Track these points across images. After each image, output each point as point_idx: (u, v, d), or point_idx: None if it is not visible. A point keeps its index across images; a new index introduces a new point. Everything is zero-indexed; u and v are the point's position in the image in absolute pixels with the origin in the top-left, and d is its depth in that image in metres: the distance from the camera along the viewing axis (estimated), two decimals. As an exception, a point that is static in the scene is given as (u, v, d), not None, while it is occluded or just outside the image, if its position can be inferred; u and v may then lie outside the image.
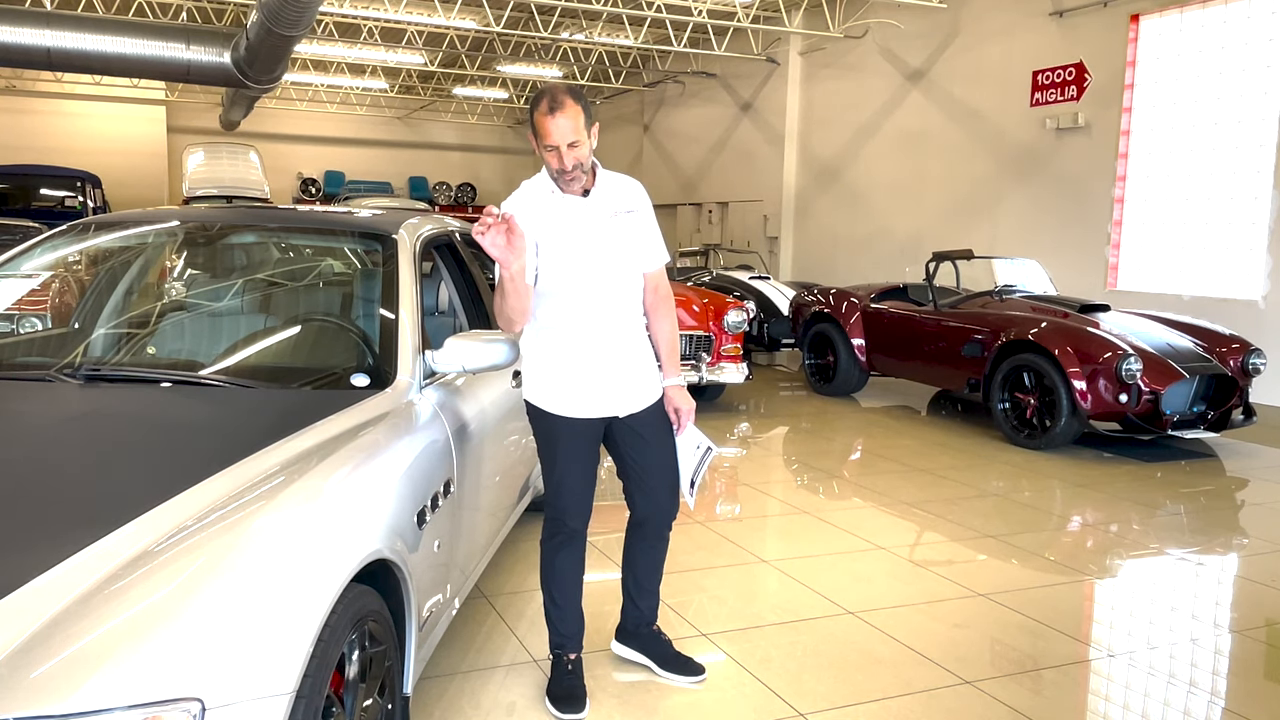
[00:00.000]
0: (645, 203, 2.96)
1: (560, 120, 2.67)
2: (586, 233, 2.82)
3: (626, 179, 2.97)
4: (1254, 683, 3.30)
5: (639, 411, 2.92)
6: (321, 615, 1.81)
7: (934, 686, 3.16)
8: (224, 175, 15.98)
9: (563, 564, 2.99)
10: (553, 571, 3.01)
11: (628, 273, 2.90)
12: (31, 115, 20.83)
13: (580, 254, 2.82)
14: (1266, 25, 9.06)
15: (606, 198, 2.87)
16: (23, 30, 11.34)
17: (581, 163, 2.74)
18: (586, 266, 2.82)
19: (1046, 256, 10.17)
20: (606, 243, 2.84)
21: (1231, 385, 6.74)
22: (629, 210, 2.89)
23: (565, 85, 2.75)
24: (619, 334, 2.88)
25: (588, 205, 2.83)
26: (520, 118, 25.79)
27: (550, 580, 3.02)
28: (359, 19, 15.16)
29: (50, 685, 1.45)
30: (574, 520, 2.94)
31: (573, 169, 2.73)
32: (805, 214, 15.31)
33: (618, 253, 2.86)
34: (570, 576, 3.01)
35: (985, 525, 5.01)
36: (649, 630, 3.22)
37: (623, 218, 2.87)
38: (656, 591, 3.21)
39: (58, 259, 3.78)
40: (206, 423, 2.40)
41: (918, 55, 12.94)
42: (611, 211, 2.86)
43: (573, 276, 2.82)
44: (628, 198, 2.91)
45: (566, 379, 2.86)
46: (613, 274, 2.86)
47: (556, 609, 3.02)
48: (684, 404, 2.98)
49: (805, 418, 7.98)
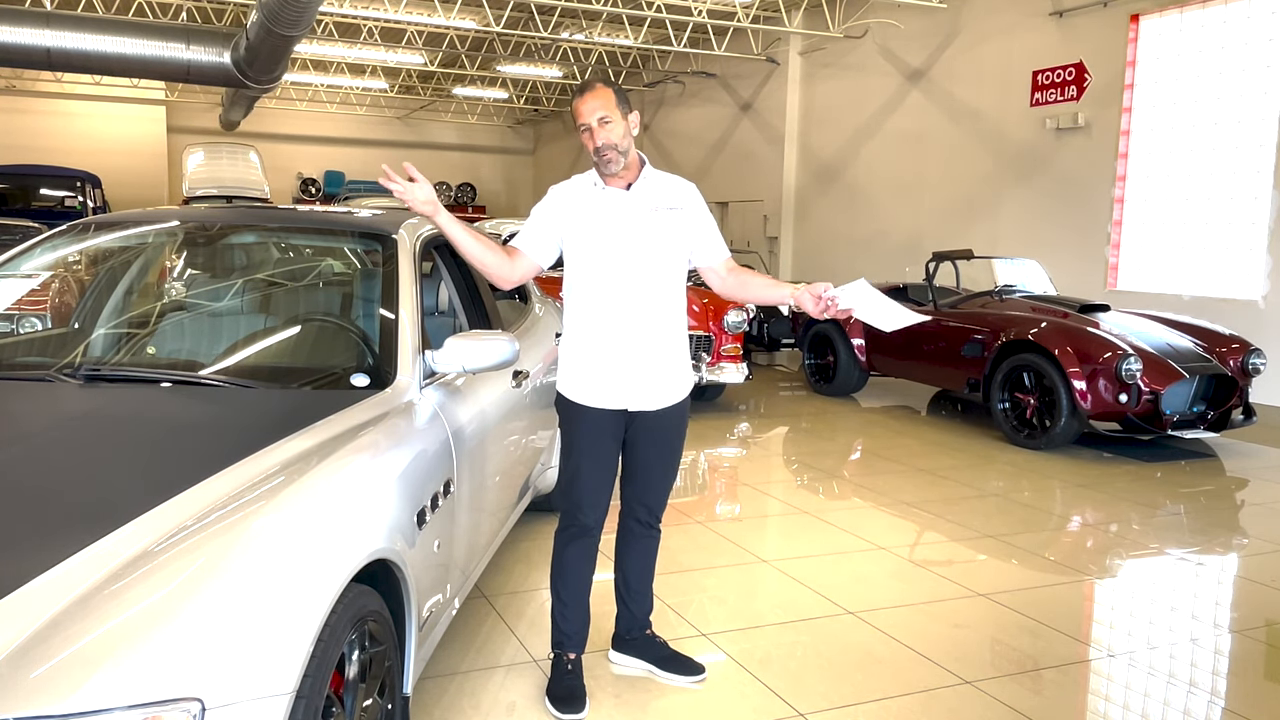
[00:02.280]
0: (695, 201, 2.97)
1: (590, 100, 2.79)
2: (622, 226, 2.84)
3: (678, 179, 2.99)
4: (1254, 683, 3.30)
5: (658, 410, 2.92)
6: (321, 615, 1.81)
7: (934, 686, 3.16)
8: (224, 175, 15.97)
9: (571, 558, 2.99)
10: (561, 565, 3.01)
11: (663, 268, 2.89)
12: (31, 115, 20.83)
13: (613, 247, 2.84)
14: (1266, 25, 9.06)
15: (649, 193, 2.89)
16: (23, 30, 11.33)
17: (615, 144, 2.78)
18: (618, 259, 2.84)
19: (1046, 256, 10.17)
20: (642, 237, 2.85)
21: (1231, 385, 6.74)
22: (672, 207, 2.90)
23: (600, 76, 2.84)
24: (647, 328, 2.87)
25: (628, 199, 2.87)
26: (520, 118, 25.79)
27: (558, 574, 3.02)
28: (359, 19, 15.15)
29: (50, 685, 1.45)
30: (586, 515, 2.94)
31: (605, 148, 2.77)
32: (805, 214, 15.31)
33: (653, 248, 2.86)
34: (577, 572, 3.00)
35: (985, 525, 5.01)
36: (643, 635, 3.20)
37: (664, 214, 2.88)
38: (648, 594, 3.19)
39: (58, 259, 3.78)
40: (206, 423, 2.40)
41: (918, 55, 12.94)
42: (652, 207, 2.87)
43: (604, 268, 2.85)
44: (674, 195, 2.93)
45: (590, 368, 2.88)
46: (645, 268, 2.85)
47: (561, 604, 3.02)
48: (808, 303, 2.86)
49: (805, 418, 7.98)
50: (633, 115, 2.85)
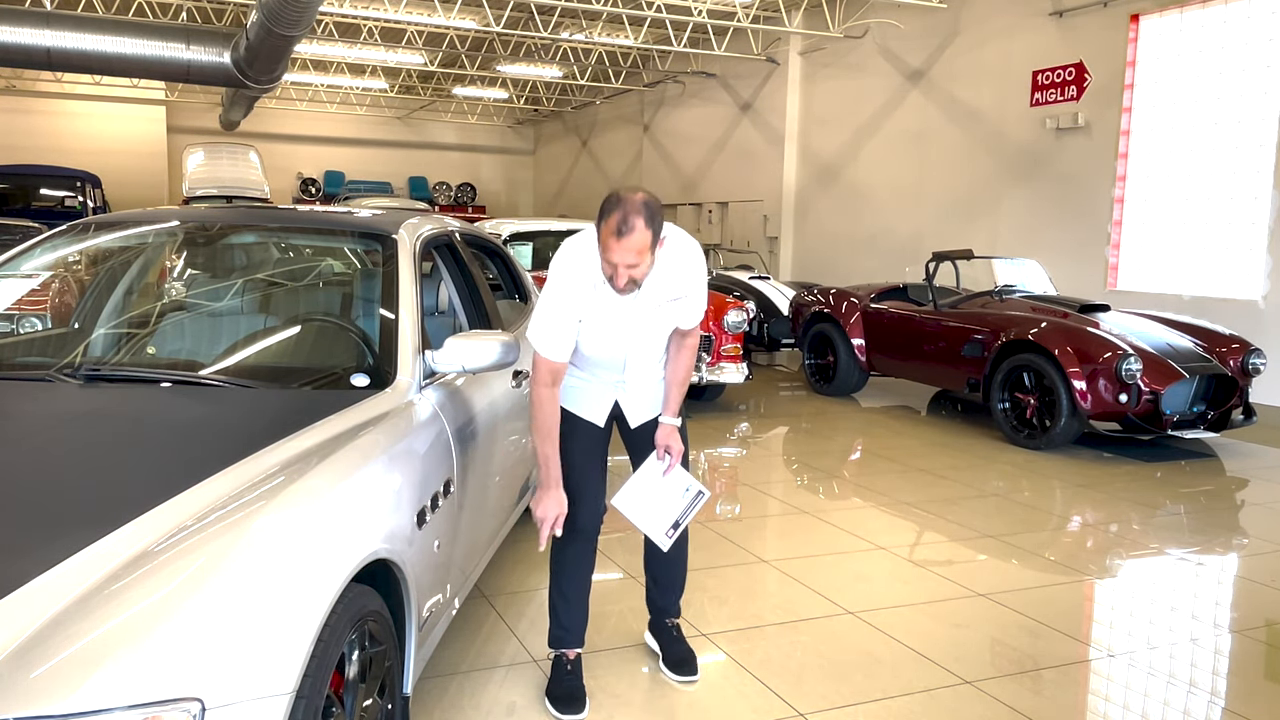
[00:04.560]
0: (695, 281, 2.88)
1: (627, 243, 2.59)
2: (628, 319, 2.86)
3: (681, 257, 2.83)
4: (1254, 683, 3.30)
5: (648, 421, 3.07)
6: (321, 615, 1.81)
7: (934, 686, 3.16)
8: (224, 175, 15.98)
9: (569, 559, 3.05)
10: (560, 565, 3.07)
11: (661, 343, 2.99)
12: (31, 115, 20.84)
13: (619, 335, 2.88)
14: (1266, 25, 9.06)
15: (656, 290, 2.81)
16: (23, 30, 11.34)
17: (637, 280, 2.70)
18: (621, 343, 2.91)
19: (1046, 256, 10.17)
20: (645, 327, 2.89)
21: (1231, 385, 6.74)
22: (675, 299, 2.86)
23: (641, 201, 2.61)
24: (641, 375, 3.01)
25: (635, 298, 2.81)
26: (520, 118, 25.80)
27: (557, 573, 3.08)
28: (359, 19, 15.15)
29: (50, 685, 1.45)
30: (580, 517, 2.97)
31: (628, 286, 2.71)
32: (805, 214, 15.31)
33: (653, 333, 2.93)
34: (574, 571, 3.05)
35: (985, 525, 5.01)
36: (664, 623, 3.29)
37: (667, 306, 2.87)
38: (672, 586, 3.26)
39: (58, 259, 3.78)
40: (206, 423, 2.40)
41: (918, 55, 12.94)
42: (657, 303, 2.85)
43: (607, 349, 2.92)
44: (677, 284, 2.84)
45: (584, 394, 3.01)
46: (644, 346, 2.94)
47: (563, 600, 3.06)
48: (675, 444, 3.01)
49: (805, 418, 7.98)
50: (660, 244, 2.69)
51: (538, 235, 8.92)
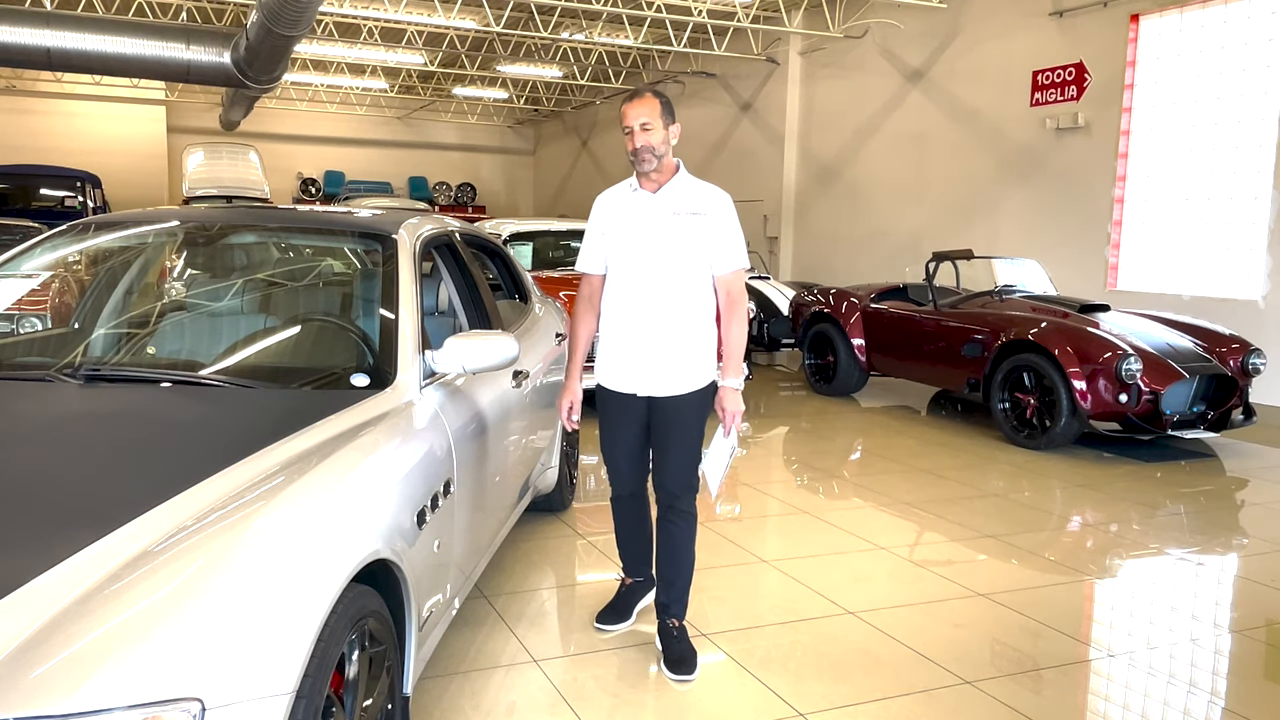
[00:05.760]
0: (721, 209, 3.12)
1: (637, 106, 3.03)
2: (644, 227, 3.09)
3: (711, 189, 3.16)
4: (1254, 683, 3.30)
5: (672, 397, 3.17)
6: (321, 615, 1.81)
7: (934, 686, 3.16)
8: (224, 175, 15.97)
9: (616, 509, 3.48)
10: (616, 516, 3.49)
11: (678, 268, 3.11)
12: (31, 115, 20.82)
13: (634, 246, 3.11)
14: (1266, 25, 9.06)
15: (674, 198, 3.10)
16: (23, 30, 11.33)
17: (653, 147, 3.02)
18: (637, 258, 3.10)
19: (1046, 256, 10.16)
20: (659, 238, 3.08)
21: (1231, 385, 6.74)
22: (695, 212, 3.08)
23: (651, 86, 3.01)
24: (660, 322, 3.12)
25: (652, 202, 3.10)
26: (520, 118, 25.78)
27: (616, 521, 3.51)
28: (359, 19, 15.15)
29: (50, 685, 1.45)
30: (619, 487, 3.37)
31: (642, 150, 3.01)
32: (805, 214, 15.31)
33: (668, 249, 3.08)
34: (621, 520, 3.49)
35: (985, 525, 5.01)
36: (667, 624, 3.29)
37: (685, 218, 3.08)
38: (675, 584, 3.30)
39: (58, 259, 3.78)
40: (206, 423, 2.40)
41: (918, 55, 12.94)
42: (674, 210, 3.08)
43: (625, 265, 3.13)
44: (699, 201, 3.11)
45: (611, 353, 3.22)
46: (660, 267, 3.09)
47: (618, 539, 3.55)
48: (732, 406, 3.19)
49: (805, 418, 7.98)
50: (674, 126, 3.09)
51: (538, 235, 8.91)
